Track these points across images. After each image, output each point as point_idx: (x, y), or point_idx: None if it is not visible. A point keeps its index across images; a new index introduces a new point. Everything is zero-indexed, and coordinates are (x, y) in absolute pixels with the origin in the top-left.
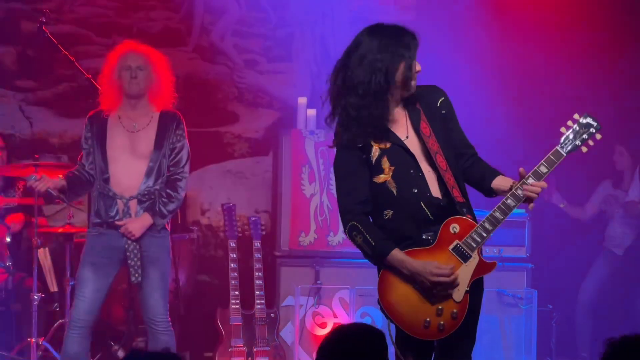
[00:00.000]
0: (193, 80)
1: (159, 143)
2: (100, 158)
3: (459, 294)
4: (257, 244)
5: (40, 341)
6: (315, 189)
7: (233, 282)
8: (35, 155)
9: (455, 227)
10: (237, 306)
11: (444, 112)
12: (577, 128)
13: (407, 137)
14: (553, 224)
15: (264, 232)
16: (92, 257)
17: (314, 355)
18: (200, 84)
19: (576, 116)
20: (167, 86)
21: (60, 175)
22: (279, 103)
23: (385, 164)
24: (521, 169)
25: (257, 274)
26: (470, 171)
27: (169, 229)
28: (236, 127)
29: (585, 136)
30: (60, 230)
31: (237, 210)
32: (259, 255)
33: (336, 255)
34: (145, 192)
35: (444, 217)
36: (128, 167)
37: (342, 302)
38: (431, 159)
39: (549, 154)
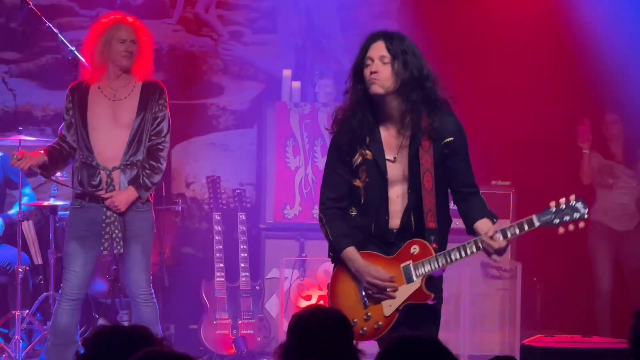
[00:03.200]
0: (177, 52)
1: (140, 112)
2: (82, 127)
3: (389, 309)
4: (241, 216)
5: (25, 313)
6: (300, 162)
7: (218, 254)
8: (19, 128)
9: (415, 249)
10: (222, 278)
11: (446, 151)
12: (564, 207)
13: (394, 158)
14: (538, 196)
15: (248, 205)
16: (77, 231)
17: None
18: (185, 56)
19: (572, 197)
20: (150, 58)
21: (42, 151)
22: (263, 75)
23: (363, 173)
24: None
25: (241, 246)
26: (461, 207)
27: (152, 202)
28: (221, 99)
29: (567, 218)
30: (45, 203)
31: (222, 182)
32: (244, 228)
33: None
34: (128, 163)
35: (397, 241)
36: (110, 136)
37: (327, 274)
38: (414, 180)
39: (523, 219)
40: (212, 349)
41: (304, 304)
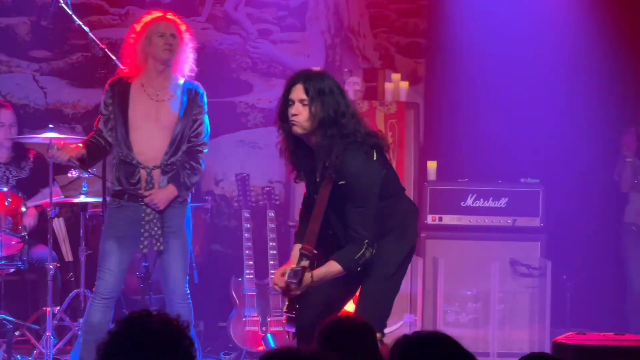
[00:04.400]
0: (206, 50)
1: (182, 113)
2: (122, 125)
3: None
4: (270, 213)
5: (56, 310)
6: None
7: (247, 252)
8: (50, 125)
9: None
10: (251, 276)
11: (340, 191)
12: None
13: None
14: (567, 193)
15: (277, 202)
16: (114, 230)
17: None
18: (214, 54)
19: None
20: (190, 56)
21: (80, 144)
22: (292, 73)
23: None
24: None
25: (270, 243)
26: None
27: (188, 200)
28: (250, 97)
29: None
30: (75, 200)
31: (251, 180)
32: (273, 225)
33: None
34: (168, 163)
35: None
36: (151, 136)
37: None
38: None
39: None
40: (241, 346)
41: None
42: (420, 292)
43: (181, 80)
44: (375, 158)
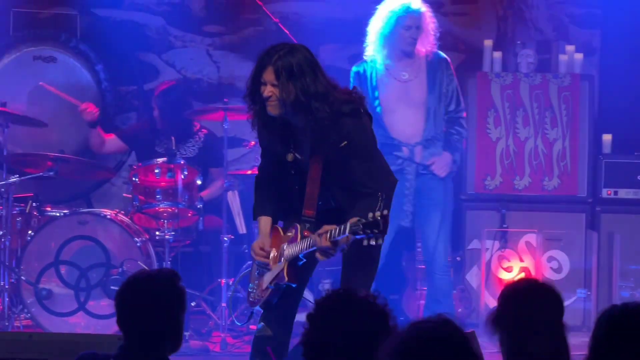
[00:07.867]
0: None
1: (431, 88)
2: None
3: (265, 283)
4: None
5: (230, 282)
6: (501, 133)
7: None
8: (225, 100)
9: (290, 232)
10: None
11: (343, 153)
12: (372, 220)
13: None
14: None
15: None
16: None
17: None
18: None
19: (378, 213)
20: (432, 34)
21: None
22: (463, 45)
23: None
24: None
25: None
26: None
27: (451, 173)
28: None
29: (368, 232)
30: (249, 172)
31: None
32: None
33: (522, 199)
34: (429, 137)
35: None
36: (406, 117)
37: (529, 245)
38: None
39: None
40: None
41: (504, 275)
42: (594, 267)
43: (423, 54)
44: (363, 112)
